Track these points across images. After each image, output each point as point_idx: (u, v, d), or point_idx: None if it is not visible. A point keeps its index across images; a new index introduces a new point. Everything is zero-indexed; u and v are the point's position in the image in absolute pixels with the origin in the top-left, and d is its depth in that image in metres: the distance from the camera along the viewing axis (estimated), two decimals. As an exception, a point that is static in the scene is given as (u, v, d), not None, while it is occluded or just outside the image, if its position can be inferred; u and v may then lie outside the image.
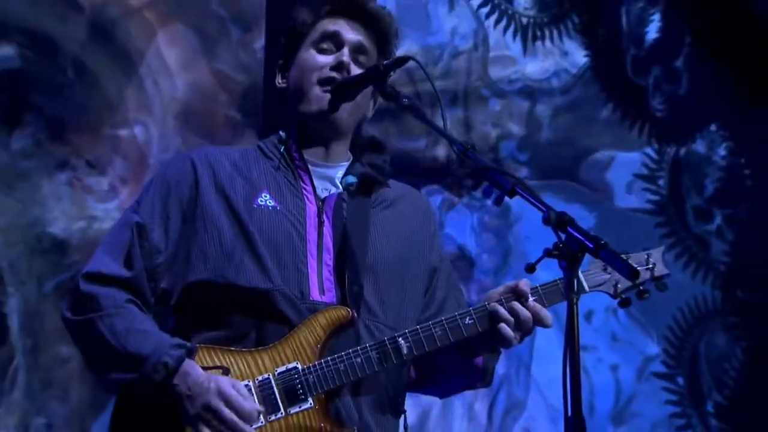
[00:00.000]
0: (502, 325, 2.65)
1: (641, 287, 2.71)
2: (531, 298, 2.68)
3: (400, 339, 2.65)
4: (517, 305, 2.66)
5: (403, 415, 2.84)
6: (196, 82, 4.88)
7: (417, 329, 2.67)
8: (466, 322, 2.68)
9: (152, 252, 2.74)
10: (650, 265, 2.76)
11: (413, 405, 4.96)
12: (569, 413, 2.18)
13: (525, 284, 2.69)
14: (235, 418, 2.54)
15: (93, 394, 4.40)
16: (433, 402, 5.21)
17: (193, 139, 4.75)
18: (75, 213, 4.61)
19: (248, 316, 2.68)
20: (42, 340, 4.45)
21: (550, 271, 2.58)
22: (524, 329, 2.67)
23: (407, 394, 2.92)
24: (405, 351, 2.65)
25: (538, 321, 2.68)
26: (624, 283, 2.69)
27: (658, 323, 5.77)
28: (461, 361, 2.82)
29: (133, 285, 2.71)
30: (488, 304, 2.69)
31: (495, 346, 2.75)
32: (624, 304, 2.37)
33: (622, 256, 2.62)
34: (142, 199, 2.82)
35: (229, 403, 2.55)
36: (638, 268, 2.56)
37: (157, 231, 2.75)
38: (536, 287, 2.71)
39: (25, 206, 4.56)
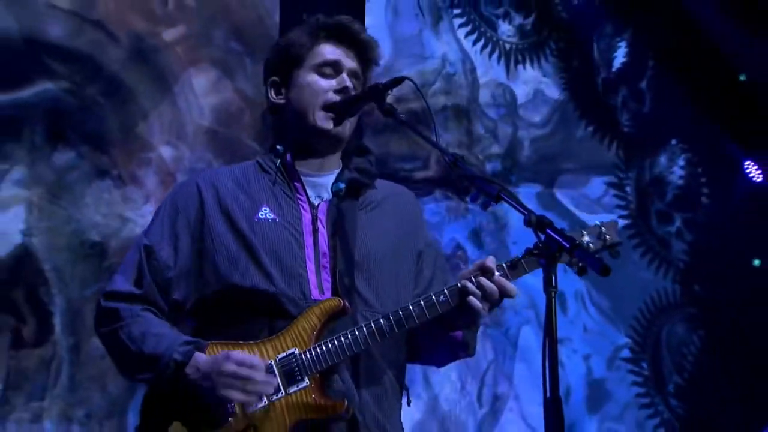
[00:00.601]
0: (471, 298, 2.67)
1: (596, 255, 2.68)
2: (497, 273, 2.69)
3: (381, 320, 2.67)
4: (484, 280, 2.67)
5: (405, 392, 2.88)
6: (222, 104, 4.89)
7: (398, 309, 2.69)
8: (440, 300, 2.69)
9: (162, 268, 2.79)
10: (603, 236, 2.75)
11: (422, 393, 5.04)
12: (548, 394, 2.19)
13: (491, 261, 2.71)
14: (248, 370, 2.61)
15: (129, 387, 4.40)
16: (441, 388, 5.23)
17: (220, 157, 4.77)
18: (114, 219, 4.60)
19: (259, 316, 2.73)
20: (83, 338, 4.44)
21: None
22: (491, 300, 2.68)
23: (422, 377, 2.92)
24: (387, 330, 2.67)
25: (504, 292, 2.69)
26: None
27: (625, 316, 5.79)
28: (444, 337, 2.85)
29: (145, 299, 2.79)
30: (460, 282, 2.70)
31: (469, 320, 2.76)
32: (581, 272, 2.36)
33: (581, 230, 2.73)
34: (152, 223, 2.88)
35: (239, 362, 2.61)
36: (588, 239, 2.70)
37: (166, 250, 2.80)
38: (501, 263, 2.72)
39: (69, 214, 4.55)
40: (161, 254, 2.78)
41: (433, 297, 2.69)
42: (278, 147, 2.89)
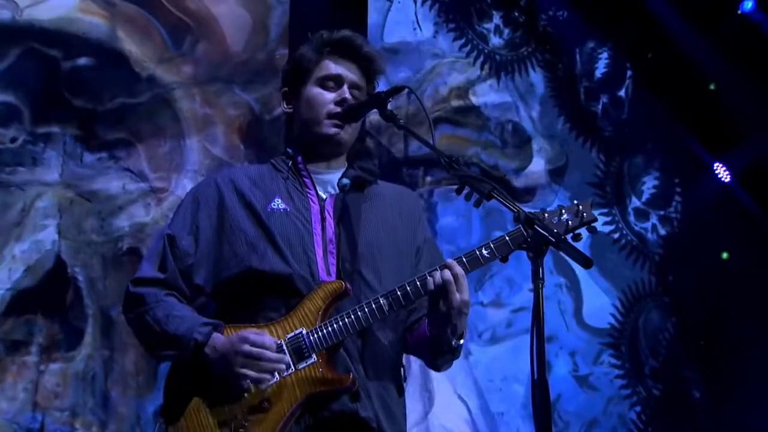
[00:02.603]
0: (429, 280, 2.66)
1: (575, 232, 2.69)
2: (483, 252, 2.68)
3: (381, 299, 2.67)
4: (446, 272, 2.65)
5: (402, 370, 2.86)
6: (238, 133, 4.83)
7: (394, 289, 2.68)
8: (428, 278, 2.66)
9: (183, 256, 2.80)
10: (581, 214, 2.71)
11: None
12: (535, 377, 2.15)
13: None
14: (260, 350, 2.62)
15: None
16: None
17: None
18: (147, 224, 4.48)
19: (276, 295, 2.73)
20: (116, 352, 4.26)
21: (519, 260, 2.56)
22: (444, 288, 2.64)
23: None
24: (386, 308, 2.67)
25: (454, 282, 2.65)
26: (560, 230, 2.67)
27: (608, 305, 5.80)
28: (431, 356, 2.85)
29: (169, 283, 2.79)
30: (439, 266, 2.69)
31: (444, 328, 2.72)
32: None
33: (560, 209, 2.71)
34: (174, 215, 2.90)
35: (251, 342, 2.62)
36: (567, 216, 2.68)
37: (186, 239, 2.81)
38: (488, 242, 2.69)
39: (102, 218, 4.44)
40: (182, 243, 2.79)
41: (427, 274, 2.68)
42: (289, 150, 2.91)
